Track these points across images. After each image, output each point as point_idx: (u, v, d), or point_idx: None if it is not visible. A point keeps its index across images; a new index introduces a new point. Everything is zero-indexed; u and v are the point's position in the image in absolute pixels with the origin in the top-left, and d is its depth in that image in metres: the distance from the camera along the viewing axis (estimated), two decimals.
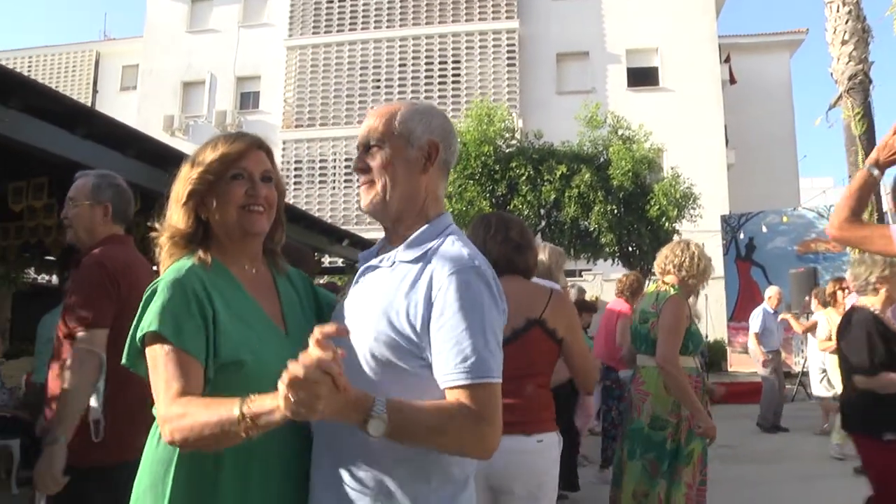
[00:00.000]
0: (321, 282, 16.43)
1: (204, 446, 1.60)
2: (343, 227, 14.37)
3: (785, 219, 16.05)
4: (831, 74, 11.90)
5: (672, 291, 4.30)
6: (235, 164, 1.88)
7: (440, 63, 24.56)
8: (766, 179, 24.48)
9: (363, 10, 25.63)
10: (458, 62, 24.52)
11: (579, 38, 24.50)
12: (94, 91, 30.69)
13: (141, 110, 26.91)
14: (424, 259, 1.73)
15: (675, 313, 4.19)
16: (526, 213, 16.00)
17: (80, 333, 2.73)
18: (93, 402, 2.72)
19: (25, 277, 13.36)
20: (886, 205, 10.46)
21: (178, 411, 1.61)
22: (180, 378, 1.65)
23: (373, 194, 1.84)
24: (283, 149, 25.05)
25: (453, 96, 24.05)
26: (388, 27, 25.26)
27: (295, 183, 24.54)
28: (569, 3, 24.92)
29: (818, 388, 9.30)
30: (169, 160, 6.71)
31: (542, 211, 16.52)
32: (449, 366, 1.61)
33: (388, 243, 1.90)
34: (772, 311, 10.41)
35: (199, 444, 1.58)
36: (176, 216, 1.87)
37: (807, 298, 11.24)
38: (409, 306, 1.67)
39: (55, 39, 50.70)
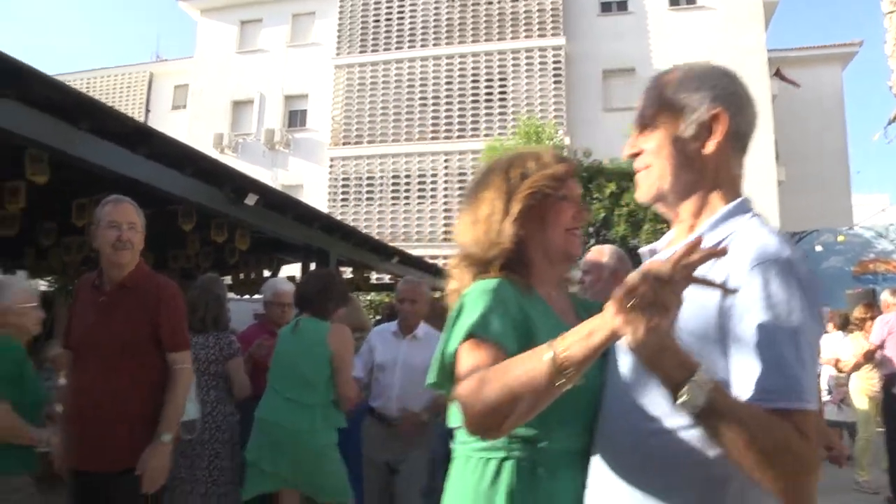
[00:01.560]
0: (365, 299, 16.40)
1: (508, 413, 1.36)
2: (392, 244, 14.40)
3: (841, 238, 15.74)
4: (890, 88, 11.64)
5: None
6: (564, 184, 1.79)
7: (486, 81, 24.57)
8: (817, 196, 24.00)
9: (409, 29, 25.80)
10: (504, 80, 24.51)
11: (626, 55, 24.33)
12: (147, 110, 31.31)
13: (191, 129, 27.36)
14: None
15: None
16: None
17: (179, 353, 3.15)
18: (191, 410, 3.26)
19: None
20: None
21: (474, 385, 1.42)
22: (486, 362, 1.48)
23: (649, 182, 1.62)
24: (331, 166, 25.28)
25: (500, 114, 24.03)
26: (434, 45, 25.37)
27: (342, 200, 24.71)
28: (615, 20, 24.83)
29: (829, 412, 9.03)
30: (224, 178, 6.82)
31: (592, 229, 16.41)
32: (751, 384, 1.30)
33: (676, 234, 1.66)
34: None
35: (504, 411, 1.36)
36: (493, 230, 1.74)
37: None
38: (703, 305, 1.38)
39: (110, 62, 51.69)
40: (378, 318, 9.58)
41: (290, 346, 4.25)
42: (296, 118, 27.78)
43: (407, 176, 24.58)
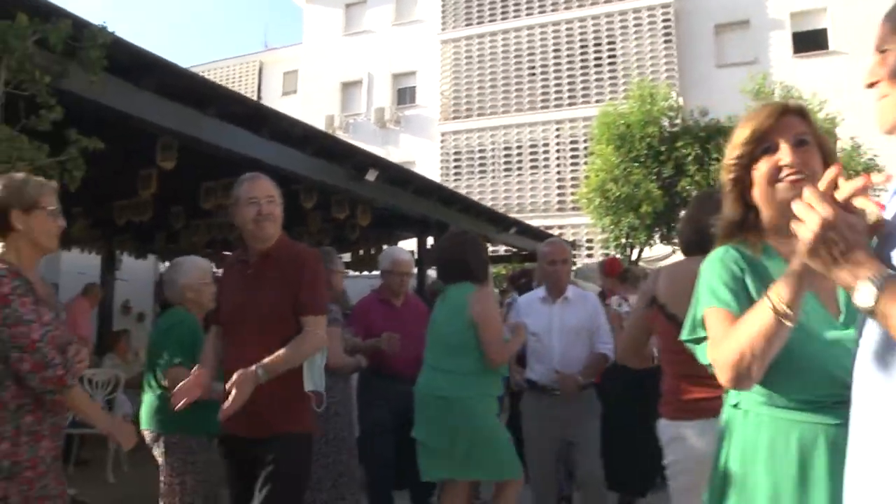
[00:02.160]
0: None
1: (750, 360, 1.56)
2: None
3: None
4: None
5: None
6: (764, 138, 1.80)
7: (595, 45, 24.06)
8: None
9: None
10: (612, 43, 23.93)
11: (738, 6, 23.29)
12: (258, 98, 32.21)
13: (303, 112, 27.92)
14: None
15: None
16: (694, 193, 15.43)
17: (311, 317, 3.08)
18: (309, 376, 3.09)
19: None
20: None
21: (717, 345, 1.67)
22: (720, 328, 1.70)
23: (888, 112, 1.47)
24: (442, 141, 25.41)
25: (610, 78, 23.51)
26: (540, 13, 24.97)
27: (455, 174, 24.80)
28: None
29: None
30: (345, 155, 6.95)
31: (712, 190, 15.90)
32: None
33: None
34: None
35: (746, 359, 1.56)
36: (725, 204, 1.89)
37: None
38: None
39: (221, 55, 53.47)
40: (502, 289, 9.53)
41: (439, 316, 4.15)
42: (405, 95, 28.00)
43: (518, 147, 24.43)
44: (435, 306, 4.29)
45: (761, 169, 1.79)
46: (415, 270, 5.56)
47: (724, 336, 1.64)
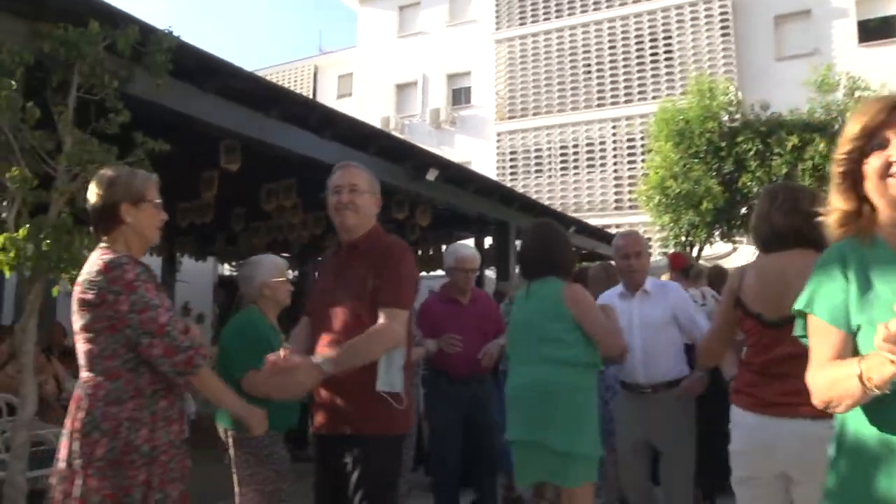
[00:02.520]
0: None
1: (838, 403, 1.67)
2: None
3: None
4: None
5: None
6: (874, 134, 1.78)
7: (651, 41, 23.73)
8: None
9: None
10: (669, 38, 23.57)
11: None
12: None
13: (358, 114, 28.01)
14: None
15: None
16: (755, 189, 15.12)
17: (389, 309, 2.92)
18: (384, 374, 2.93)
19: None
20: None
21: (811, 374, 1.77)
22: (818, 346, 1.79)
23: None
24: (498, 141, 25.33)
25: (667, 74, 23.18)
26: (594, 10, 24.71)
27: (511, 174, 24.71)
28: None
29: None
30: (406, 155, 6.96)
31: None
32: None
33: None
34: None
35: (834, 403, 1.67)
36: (835, 197, 1.87)
37: None
38: None
39: (276, 60, 54.28)
40: None
41: (527, 312, 3.90)
42: (459, 96, 27.97)
43: (575, 146, 24.24)
44: (515, 306, 4.08)
45: (873, 164, 1.76)
46: (477, 266, 5.45)
47: (819, 368, 1.75)
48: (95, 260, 2.56)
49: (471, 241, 11.71)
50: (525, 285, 4.01)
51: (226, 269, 18.94)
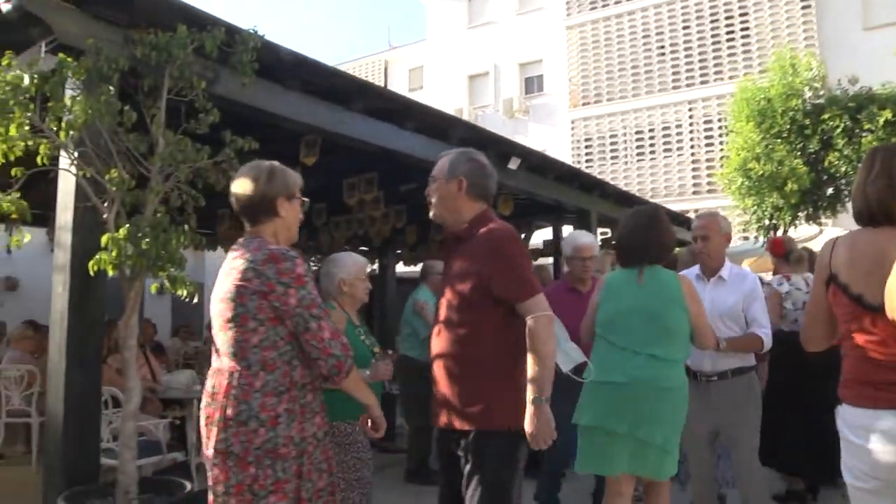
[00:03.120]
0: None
1: None
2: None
3: None
4: None
5: None
6: None
7: (726, 18, 23.10)
8: None
9: None
10: (745, 14, 22.89)
11: None
12: None
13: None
14: None
15: None
16: (844, 169, 14.58)
17: (526, 302, 2.86)
18: (563, 357, 3.02)
19: None
20: None
21: None
22: None
23: None
24: (572, 128, 25.12)
25: (744, 52, 22.57)
26: None
27: (586, 161, 24.47)
28: None
29: None
30: (488, 143, 6.94)
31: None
32: None
33: None
34: None
35: None
36: None
37: None
38: None
39: (347, 56, 54.82)
40: None
41: (641, 300, 3.74)
42: (532, 84, 27.86)
43: (650, 130, 23.86)
44: (618, 287, 3.89)
45: None
46: (596, 254, 5.41)
47: None
48: (255, 248, 2.59)
49: (549, 230, 11.63)
50: (634, 270, 3.85)
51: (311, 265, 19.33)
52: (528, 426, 2.76)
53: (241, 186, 2.71)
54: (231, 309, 2.54)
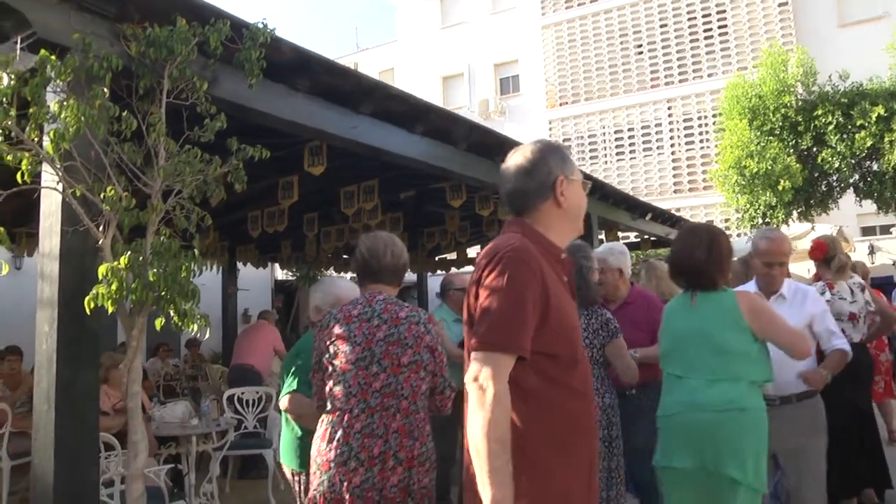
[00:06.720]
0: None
1: None
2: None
3: None
4: None
5: None
6: None
7: (703, 16, 22.97)
8: None
9: None
10: (722, 12, 22.79)
11: None
12: None
13: None
14: None
15: None
16: (837, 165, 14.34)
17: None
18: None
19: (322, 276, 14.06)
20: None
21: None
22: None
23: None
24: (550, 129, 24.80)
25: (722, 49, 22.45)
26: None
27: None
28: None
29: None
30: (495, 147, 6.44)
31: (855, 162, 14.70)
32: None
33: None
34: None
35: None
36: None
37: None
38: None
39: None
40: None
41: (696, 323, 3.48)
42: (508, 85, 27.48)
43: (630, 129, 23.61)
44: (674, 315, 3.66)
45: None
46: (611, 265, 5.00)
47: None
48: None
49: None
50: (686, 294, 3.59)
51: (279, 274, 18.74)
52: None
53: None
54: (409, 354, 2.93)
